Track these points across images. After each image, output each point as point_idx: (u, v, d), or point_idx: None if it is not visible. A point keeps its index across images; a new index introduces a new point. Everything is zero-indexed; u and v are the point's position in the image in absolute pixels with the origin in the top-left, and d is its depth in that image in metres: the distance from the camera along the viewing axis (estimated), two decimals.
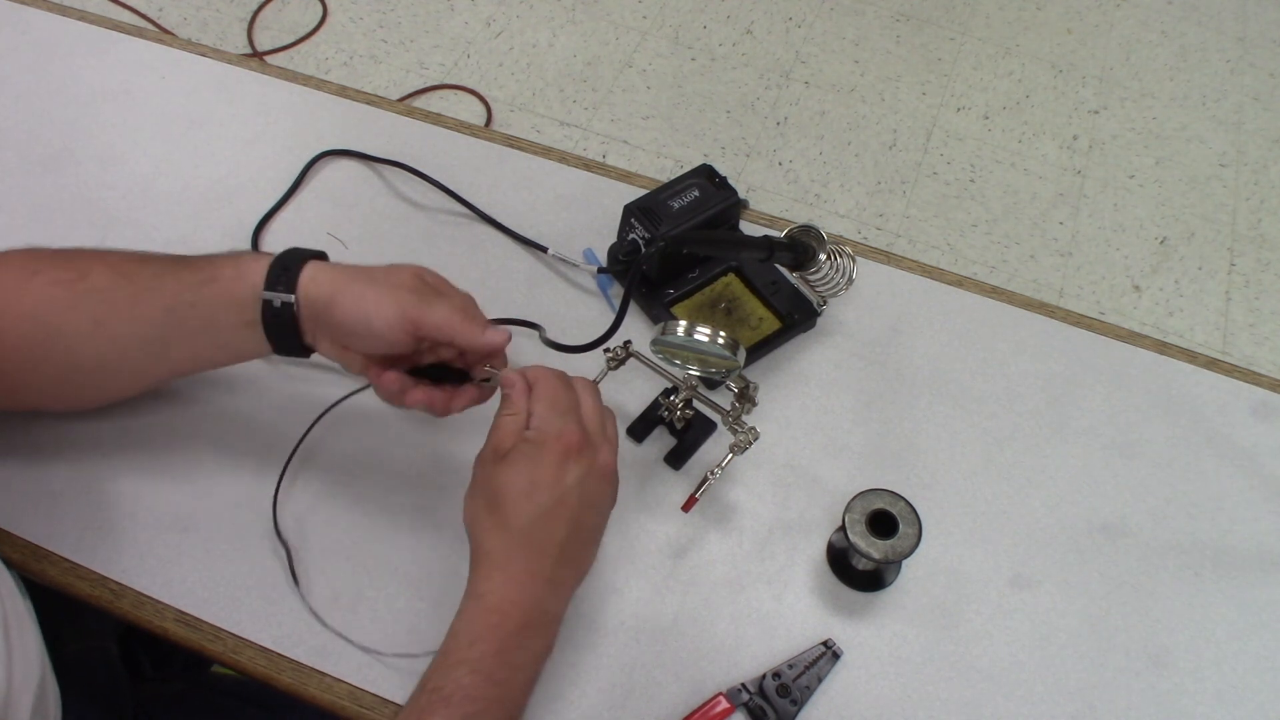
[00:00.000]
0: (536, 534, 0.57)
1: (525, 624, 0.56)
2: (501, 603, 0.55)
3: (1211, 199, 2.10)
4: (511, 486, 0.57)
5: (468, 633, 0.55)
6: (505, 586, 0.56)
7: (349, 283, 0.60)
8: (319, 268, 0.61)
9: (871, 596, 0.70)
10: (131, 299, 0.61)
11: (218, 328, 0.62)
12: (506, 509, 0.56)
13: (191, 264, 0.63)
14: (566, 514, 0.57)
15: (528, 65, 2.17)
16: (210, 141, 0.91)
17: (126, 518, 0.69)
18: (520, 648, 0.56)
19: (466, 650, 0.54)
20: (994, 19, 2.41)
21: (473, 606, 0.56)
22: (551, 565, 0.57)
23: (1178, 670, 0.69)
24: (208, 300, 0.61)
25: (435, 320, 0.60)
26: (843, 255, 0.80)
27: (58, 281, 0.61)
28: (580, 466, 0.58)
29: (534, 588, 0.56)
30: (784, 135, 2.11)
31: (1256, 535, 0.75)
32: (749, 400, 0.70)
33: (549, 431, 0.58)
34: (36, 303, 0.61)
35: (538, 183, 0.91)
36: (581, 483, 0.58)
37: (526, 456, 0.57)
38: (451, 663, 0.54)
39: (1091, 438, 0.79)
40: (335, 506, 0.70)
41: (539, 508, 0.56)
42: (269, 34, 2.17)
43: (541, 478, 0.57)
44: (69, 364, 0.63)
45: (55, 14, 1.00)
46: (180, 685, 0.84)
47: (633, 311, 0.82)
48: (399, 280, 0.61)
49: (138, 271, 0.62)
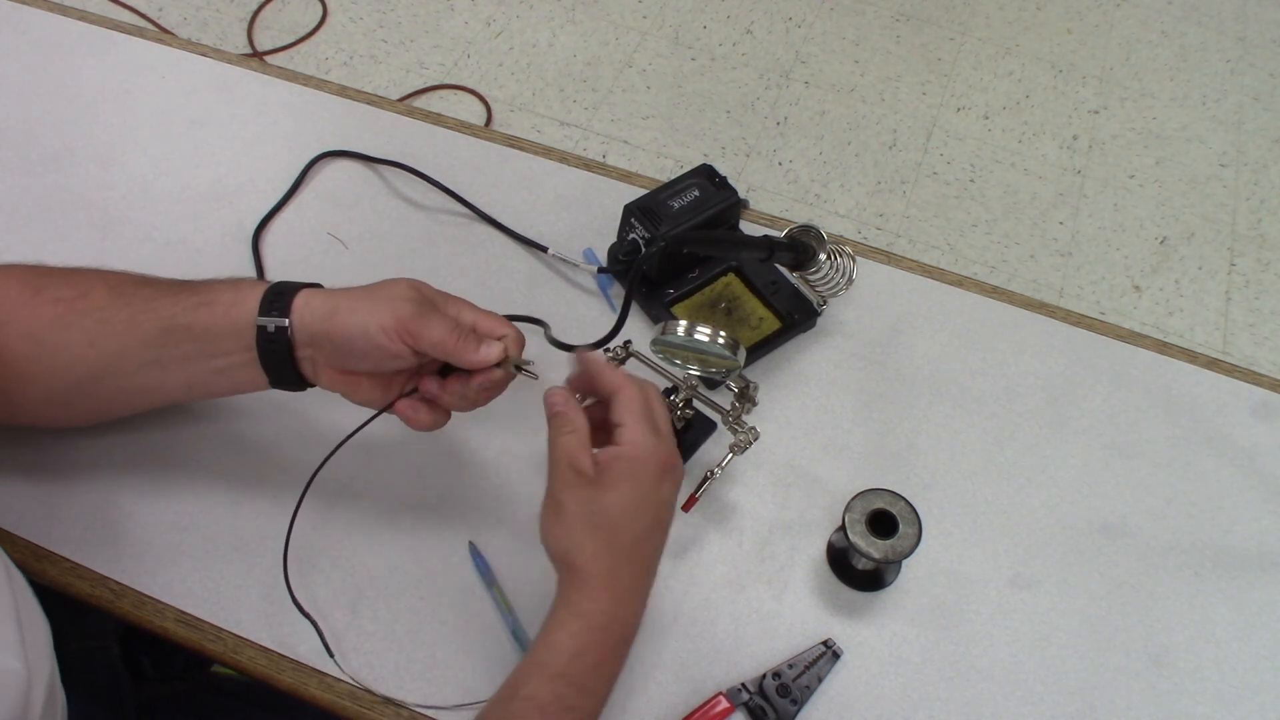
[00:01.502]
0: (640, 551, 0.57)
1: (623, 638, 0.57)
2: (608, 621, 0.55)
3: (1211, 199, 2.10)
4: (616, 508, 0.56)
5: (570, 647, 0.54)
6: (613, 605, 0.56)
7: (344, 299, 0.60)
8: (312, 293, 0.61)
9: (871, 596, 0.70)
10: (128, 320, 0.61)
11: (212, 353, 0.61)
12: (613, 531, 0.56)
13: (190, 287, 0.62)
14: (662, 530, 0.59)
15: (528, 65, 2.17)
16: (210, 141, 0.91)
17: (127, 518, 0.69)
18: (615, 659, 0.57)
19: (567, 664, 0.54)
20: (994, 19, 2.41)
21: (575, 623, 0.55)
22: (648, 579, 0.58)
23: (1178, 670, 0.69)
24: (203, 323, 0.61)
25: (431, 338, 0.59)
26: (843, 255, 0.80)
27: (58, 299, 0.61)
28: (672, 483, 0.58)
29: (635, 602, 0.57)
30: (784, 135, 2.11)
31: (1256, 535, 0.75)
32: (749, 400, 0.70)
33: (646, 447, 0.57)
34: (36, 320, 0.61)
35: (538, 183, 0.91)
36: (672, 498, 0.59)
37: (627, 477, 0.57)
38: (551, 674, 0.54)
39: (1091, 438, 0.79)
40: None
41: (643, 527, 0.57)
42: (269, 34, 2.17)
43: (644, 497, 0.57)
44: (64, 383, 0.63)
45: (55, 14, 1.00)
46: (181, 685, 0.84)
47: (633, 311, 0.82)
48: (395, 293, 0.60)
49: (136, 293, 0.62)
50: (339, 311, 0.60)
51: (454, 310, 0.62)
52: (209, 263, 0.83)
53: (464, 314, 0.62)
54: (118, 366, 0.62)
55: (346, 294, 0.61)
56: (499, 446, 0.74)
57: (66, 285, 0.62)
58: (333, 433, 0.63)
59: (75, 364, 0.62)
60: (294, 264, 0.83)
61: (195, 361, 0.62)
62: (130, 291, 0.62)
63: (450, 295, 0.64)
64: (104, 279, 0.63)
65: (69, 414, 0.68)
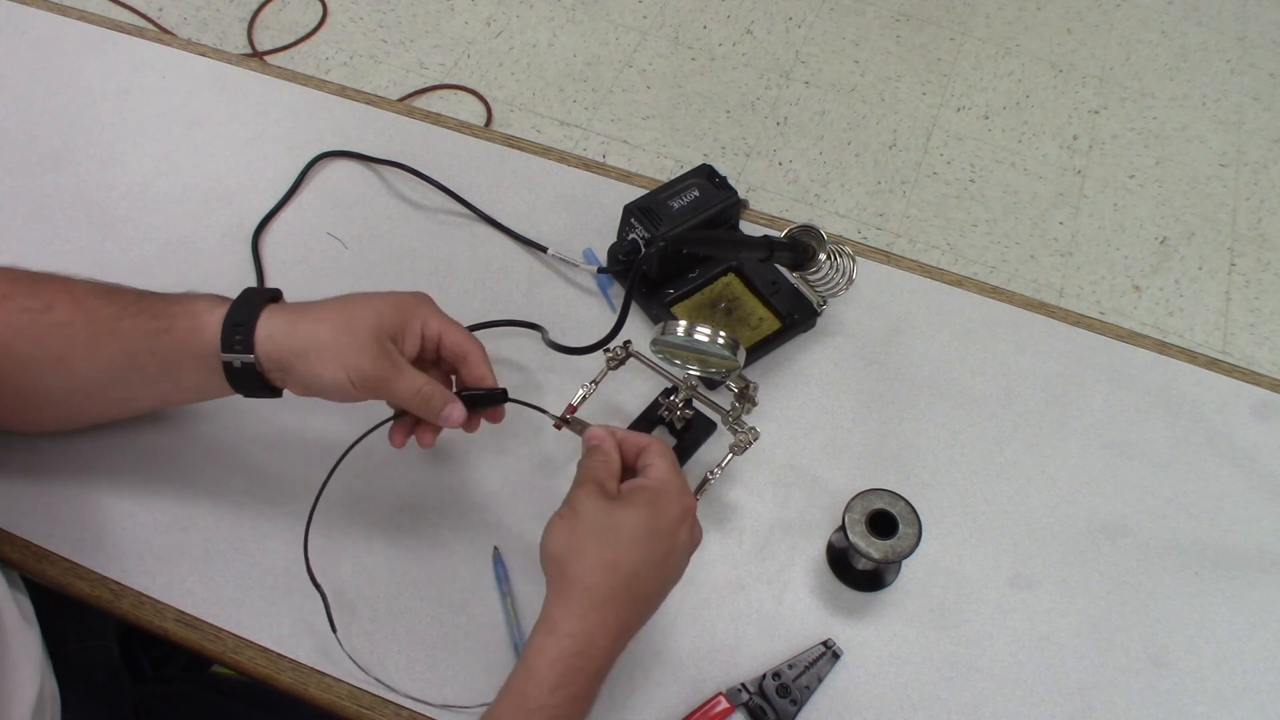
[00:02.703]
0: (640, 582, 0.56)
1: (600, 671, 0.55)
2: (588, 646, 0.54)
3: (1211, 199, 2.10)
4: (631, 528, 0.55)
5: (551, 676, 0.53)
6: (597, 629, 0.54)
7: (307, 334, 0.58)
8: (273, 323, 0.59)
9: (871, 596, 0.70)
10: (91, 339, 0.60)
11: (179, 374, 0.61)
12: (621, 549, 0.55)
13: (150, 307, 0.61)
14: (667, 570, 0.57)
15: (528, 65, 2.17)
16: (210, 141, 0.91)
17: (127, 518, 0.69)
18: (591, 694, 0.55)
19: (549, 696, 0.53)
20: (994, 19, 2.41)
21: (555, 645, 0.54)
22: (637, 617, 0.57)
23: (1178, 670, 0.69)
24: (165, 348, 0.60)
25: (396, 398, 0.60)
26: (843, 255, 0.80)
27: (24, 310, 0.60)
28: (690, 532, 0.58)
29: (616, 635, 0.55)
30: (784, 135, 2.11)
31: (1256, 535, 0.75)
32: (749, 400, 0.70)
33: (673, 484, 0.57)
34: (6, 329, 0.60)
35: (538, 183, 0.91)
36: (685, 547, 0.58)
37: (649, 504, 0.56)
38: (530, 708, 0.52)
39: (1091, 437, 0.79)
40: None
41: (651, 557, 0.56)
42: (269, 34, 2.17)
43: (661, 528, 0.56)
44: (34, 391, 0.62)
45: (55, 14, 1.00)
46: (180, 685, 0.84)
47: (633, 311, 0.81)
48: (359, 334, 0.58)
49: (100, 310, 0.61)
50: (304, 356, 0.58)
51: (418, 324, 0.61)
52: (209, 263, 0.83)
53: (430, 324, 0.62)
54: (87, 383, 0.62)
55: (310, 323, 0.59)
56: (514, 454, 0.74)
57: (31, 295, 0.61)
58: (334, 432, 0.63)
59: (45, 376, 0.61)
60: (294, 264, 0.83)
61: (164, 381, 0.62)
62: (93, 307, 0.61)
63: (418, 301, 0.63)
64: (69, 291, 0.61)
65: (44, 421, 0.67)
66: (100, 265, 0.81)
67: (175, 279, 0.81)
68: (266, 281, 0.82)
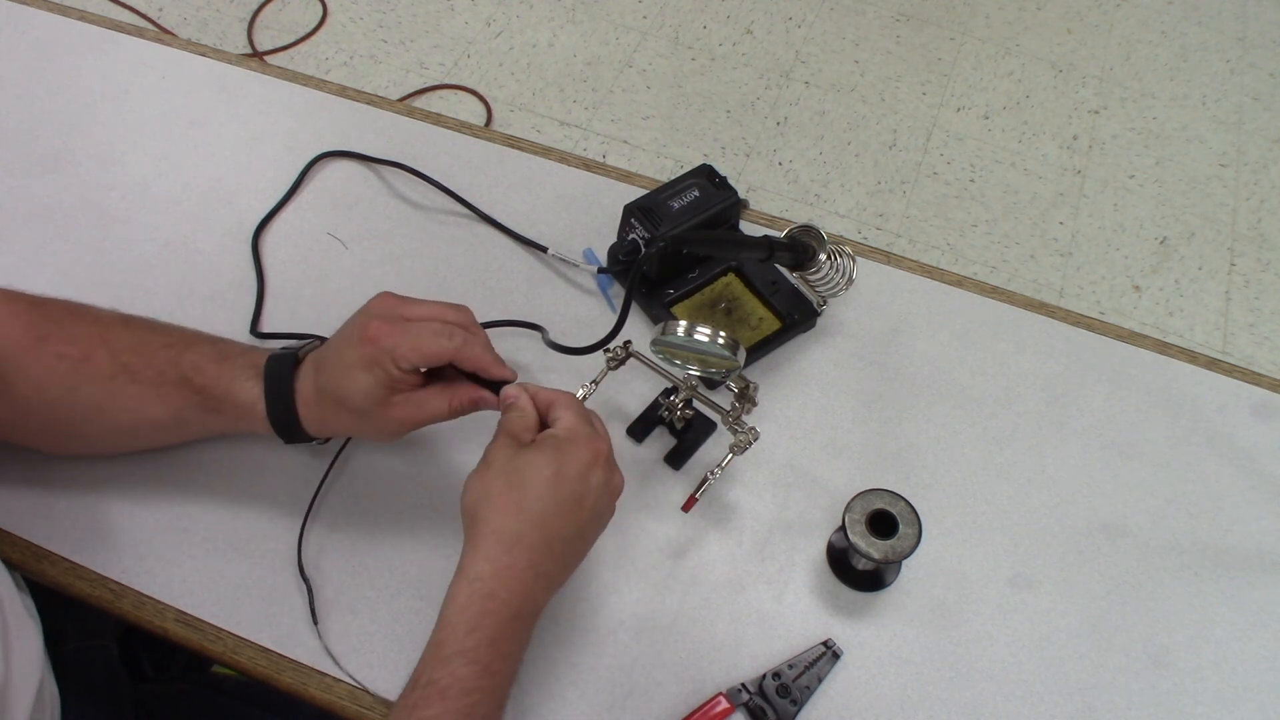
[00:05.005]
0: (548, 524, 0.56)
1: (517, 613, 0.56)
2: (498, 588, 0.55)
3: (1211, 199, 2.10)
4: (536, 471, 0.57)
5: (463, 620, 0.54)
6: (505, 571, 0.55)
7: (342, 432, 0.69)
8: (308, 417, 0.63)
9: (871, 596, 0.70)
10: (137, 397, 0.63)
11: (225, 433, 0.68)
12: (526, 491, 0.56)
13: (191, 381, 0.63)
14: (580, 514, 0.58)
15: (528, 65, 2.17)
16: (210, 141, 0.91)
17: (127, 518, 0.69)
18: (512, 637, 0.56)
19: (463, 640, 0.54)
20: (994, 19, 2.41)
21: (466, 590, 0.55)
22: (551, 561, 0.57)
23: (1178, 670, 0.69)
24: (215, 423, 0.65)
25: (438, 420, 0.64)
26: (843, 255, 0.80)
27: (63, 357, 0.62)
28: (603, 475, 0.59)
29: (530, 578, 0.56)
30: (784, 135, 2.11)
31: (1256, 535, 0.75)
32: (749, 400, 0.70)
33: (579, 432, 0.59)
34: (45, 375, 0.62)
35: (538, 183, 0.91)
36: (600, 491, 0.58)
37: (556, 449, 0.58)
38: (447, 654, 0.53)
39: (1091, 438, 0.79)
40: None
41: (558, 499, 0.56)
42: (269, 34, 2.17)
43: (568, 471, 0.57)
44: (69, 434, 0.66)
45: (55, 14, 1.00)
46: (180, 685, 0.84)
47: (633, 311, 0.82)
48: (374, 421, 0.62)
49: (141, 368, 0.62)
50: (336, 426, 0.64)
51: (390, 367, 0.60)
52: (209, 263, 0.83)
53: (400, 357, 0.60)
54: (127, 433, 0.66)
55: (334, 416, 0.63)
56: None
57: (68, 341, 0.62)
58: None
59: (81, 424, 0.64)
60: (294, 264, 0.83)
61: (206, 437, 0.70)
62: (135, 366, 0.62)
63: (405, 305, 0.62)
64: (105, 342, 0.63)
65: (72, 449, 0.69)
66: (100, 265, 0.81)
67: (175, 279, 0.81)
68: (266, 281, 0.82)
